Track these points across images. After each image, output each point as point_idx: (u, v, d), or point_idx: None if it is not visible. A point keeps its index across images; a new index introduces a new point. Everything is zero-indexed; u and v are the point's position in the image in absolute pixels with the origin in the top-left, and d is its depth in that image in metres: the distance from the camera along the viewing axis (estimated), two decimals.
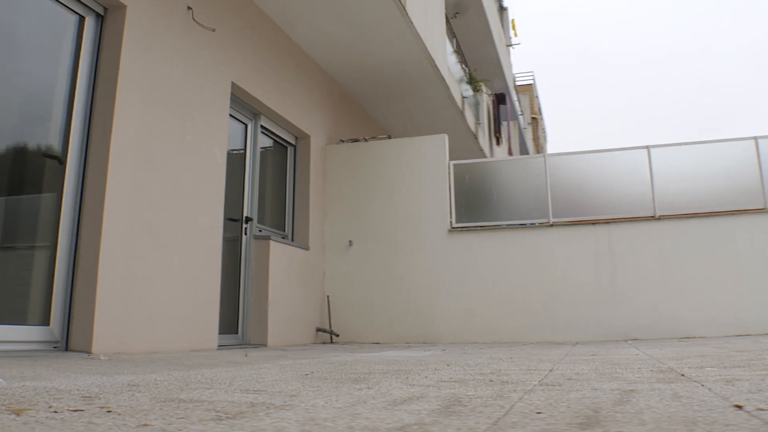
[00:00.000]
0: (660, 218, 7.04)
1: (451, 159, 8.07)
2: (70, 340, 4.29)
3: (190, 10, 5.48)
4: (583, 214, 7.28)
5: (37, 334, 4.18)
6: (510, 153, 13.04)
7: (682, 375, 2.36)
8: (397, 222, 7.98)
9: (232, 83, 6.24)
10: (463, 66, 10.92)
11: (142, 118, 4.80)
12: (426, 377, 2.48)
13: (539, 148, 29.01)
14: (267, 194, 7.73)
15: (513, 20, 17.77)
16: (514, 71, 24.94)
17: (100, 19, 4.73)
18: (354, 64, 8.23)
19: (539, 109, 30.35)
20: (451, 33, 10.55)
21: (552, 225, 7.38)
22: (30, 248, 4.28)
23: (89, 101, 4.59)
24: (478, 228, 7.66)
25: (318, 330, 7.86)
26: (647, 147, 7.27)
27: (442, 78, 8.64)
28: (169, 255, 5.08)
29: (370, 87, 8.96)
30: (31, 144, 4.30)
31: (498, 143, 13.21)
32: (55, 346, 4.26)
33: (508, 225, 7.55)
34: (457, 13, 10.76)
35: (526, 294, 7.31)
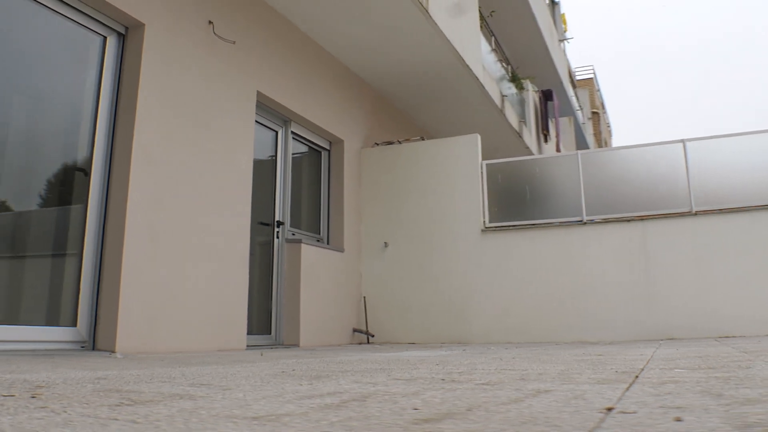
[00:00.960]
0: (697, 213, 6.81)
1: (489, 158, 8.06)
2: (97, 340, 4.57)
3: (211, 24, 5.72)
4: (617, 212, 7.13)
5: (67, 334, 4.48)
6: (558, 149, 12.82)
7: (637, 377, 2.35)
8: (431, 223, 8.03)
9: (258, 92, 6.45)
10: (504, 64, 10.84)
11: (162, 130, 5.05)
12: (390, 376, 2.55)
13: (602, 142, 28.30)
14: (304, 198, 7.94)
15: (563, 15, 17.45)
16: (574, 65, 24.45)
17: (122, 38, 5.02)
18: (386, 68, 8.34)
19: (601, 103, 29.61)
20: (489, 31, 10.49)
21: (585, 223, 7.25)
22: (60, 256, 4.59)
23: (112, 116, 4.88)
24: (511, 227, 7.62)
25: (355, 331, 8.00)
26: (683, 141, 7.05)
27: (476, 78, 8.62)
28: (194, 260, 5.31)
29: (405, 89, 9.04)
30: (60, 158, 4.61)
31: (546, 140, 13.02)
32: (83, 345, 4.55)
33: (541, 224, 7.47)
34: (492, 11, 10.69)
35: (560, 293, 7.22)
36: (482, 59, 9.39)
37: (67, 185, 4.65)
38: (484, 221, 7.78)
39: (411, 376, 2.53)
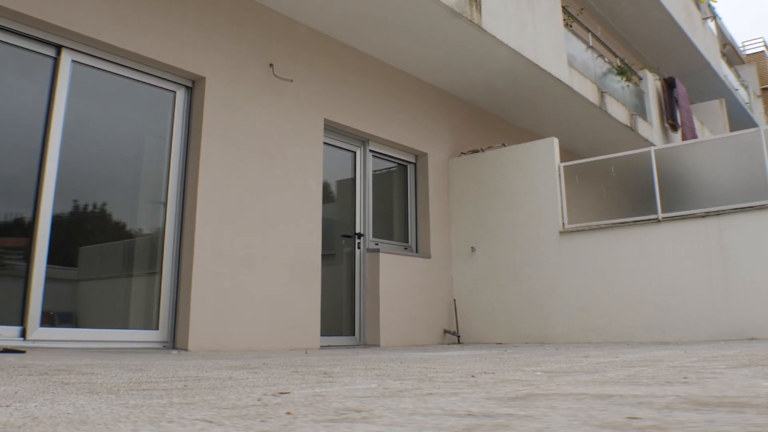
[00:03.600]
0: None
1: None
2: (176, 341, 5.62)
3: (272, 66, 6.61)
4: (693, 207, 6.88)
5: (152, 336, 5.58)
6: (683, 138, 12.08)
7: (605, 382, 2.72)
8: (513, 226, 8.27)
9: (325, 120, 7.24)
10: (605, 59, 10.62)
11: (225, 164, 6.01)
12: (376, 374, 3.15)
13: None
14: (395, 210, 8.62)
15: None
16: (742, 39, 22.27)
17: (189, 90, 6.07)
18: (465, 79, 8.73)
19: None
20: (586, 29, 10.37)
21: (660, 221, 7.09)
22: (150, 274, 5.71)
23: (184, 157, 5.93)
24: (588, 228, 7.64)
25: (445, 332, 8.49)
26: (760, 129, 6.63)
27: (558, 80, 8.70)
28: (262, 272, 6.21)
29: (491, 96, 9.33)
30: (142, 193, 5.74)
31: (675, 129, 12.37)
32: (164, 345, 5.62)
33: (617, 223, 7.41)
34: (582, 9, 10.50)
35: (637, 293, 7.13)
36: (572, 60, 9.39)
37: (149, 215, 5.77)
38: (563, 223, 7.87)
39: (410, 375, 3.08)
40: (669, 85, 12.31)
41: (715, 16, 17.66)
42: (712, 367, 2.68)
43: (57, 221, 4.98)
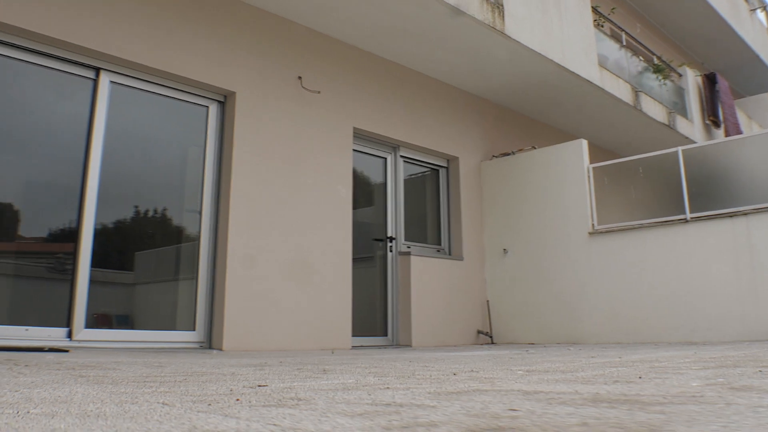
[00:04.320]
0: None
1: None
2: (212, 341, 5.98)
3: (300, 79, 6.92)
4: (720, 207, 6.86)
5: (190, 336, 5.95)
6: (726, 134, 11.82)
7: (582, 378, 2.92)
8: (544, 228, 8.37)
9: (354, 128, 7.51)
10: (640, 58, 10.55)
11: (255, 174, 6.35)
12: (361, 371, 3.41)
13: None
14: (428, 214, 8.83)
15: None
16: None
17: (221, 105, 6.44)
18: (492, 83, 8.86)
19: None
20: (619, 28, 10.33)
21: (688, 221, 7.08)
22: (188, 279, 6.09)
23: (217, 168, 6.30)
24: (617, 229, 7.67)
25: (479, 332, 8.64)
26: None
27: (587, 81, 8.74)
28: (292, 275, 6.52)
29: (523, 98, 9.43)
30: (179, 203, 6.13)
31: (717, 126, 12.14)
32: (201, 345, 5.99)
33: (645, 224, 7.43)
34: (613, 8, 10.43)
35: (666, 293, 7.13)
36: (604, 60, 9.40)
37: (190, 223, 6.15)
38: (593, 224, 7.93)
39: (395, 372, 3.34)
40: (710, 80, 12.10)
41: (765, 6, 17.17)
42: (684, 367, 2.81)
43: (99, 229, 5.40)
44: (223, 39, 6.34)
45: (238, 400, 1.56)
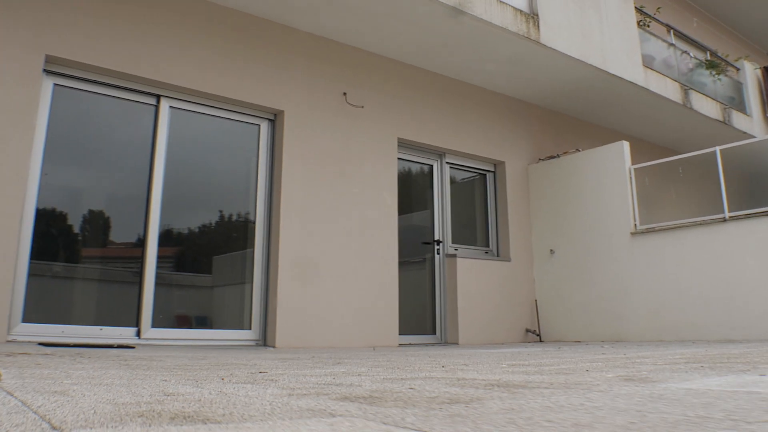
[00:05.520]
0: None
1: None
2: (266, 339, 6.56)
3: (345, 95, 7.42)
4: (759, 205, 6.87)
5: (246, 335, 6.55)
6: None
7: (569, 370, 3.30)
8: (588, 229, 8.53)
9: (399, 138, 7.93)
10: (690, 55, 10.46)
11: (304, 185, 6.89)
12: (371, 364, 3.87)
13: None
14: (477, 217, 9.17)
15: None
16: None
17: (272, 122, 7.02)
18: (535, 88, 9.08)
19: None
20: (667, 26, 10.30)
21: (727, 220, 7.12)
22: (246, 283, 6.69)
23: (269, 181, 6.87)
24: (658, 229, 7.77)
25: (527, 331, 8.90)
26: None
27: (631, 83, 8.83)
28: (342, 278, 7.01)
29: (569, 102, 9.59)
30: (235, 214, 6.75)
31: None
32: (257, 342, 6.57)
33: (685, 224, 7.51)
34: (659, 7, 10.36)
35: (706, 292, 7.19)
36: (650, 60, 9.44)
37: (243, 233, 6.76)
38: (635, 224, 8.05)
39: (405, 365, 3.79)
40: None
41: None
42: (671, 365, 3.08)
43: (163, 236, 6.07)
44: (271, 62, 6.91)
45: (222, 379, 2.02)
